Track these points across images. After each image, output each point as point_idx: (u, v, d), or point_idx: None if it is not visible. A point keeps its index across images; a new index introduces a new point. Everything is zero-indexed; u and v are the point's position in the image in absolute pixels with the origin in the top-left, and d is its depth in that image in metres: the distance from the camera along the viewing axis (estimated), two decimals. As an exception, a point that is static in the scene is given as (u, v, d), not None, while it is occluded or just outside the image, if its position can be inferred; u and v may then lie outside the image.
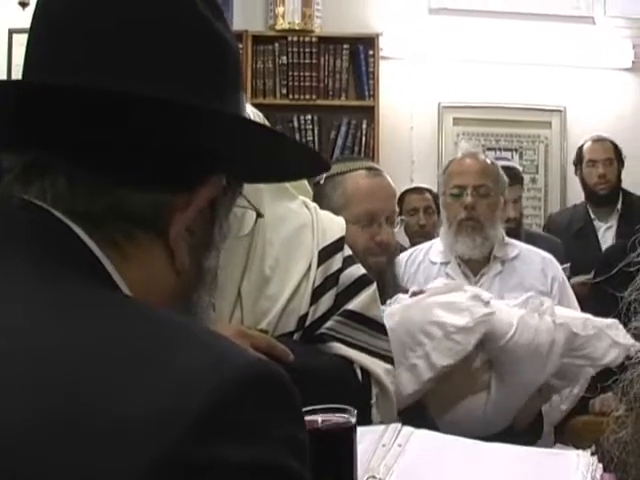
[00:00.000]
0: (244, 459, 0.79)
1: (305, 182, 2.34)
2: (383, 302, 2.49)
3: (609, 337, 2.69)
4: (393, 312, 2.67)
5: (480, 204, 3.53)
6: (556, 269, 3.63)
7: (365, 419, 1.97)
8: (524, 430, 2.79)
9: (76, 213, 0.95)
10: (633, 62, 6.65)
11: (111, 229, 0.97)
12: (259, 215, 1.79)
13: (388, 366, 2.11)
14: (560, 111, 6.69)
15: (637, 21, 6.75)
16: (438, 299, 2.68)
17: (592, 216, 5.35)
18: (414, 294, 2.80)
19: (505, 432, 2.67)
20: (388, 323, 2.47)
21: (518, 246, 3.69)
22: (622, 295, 1.19)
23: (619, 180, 5.39)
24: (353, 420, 1.39)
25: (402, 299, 2.79)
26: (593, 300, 3.59)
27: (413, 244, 5.37)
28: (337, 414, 1.42)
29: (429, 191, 5.74)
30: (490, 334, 2.63)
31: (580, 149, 5.49)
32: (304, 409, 1.20)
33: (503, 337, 2.63)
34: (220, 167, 1.05)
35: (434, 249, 3.71)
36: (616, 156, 5.41)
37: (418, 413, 2.51)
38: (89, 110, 0.94)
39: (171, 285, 1.03)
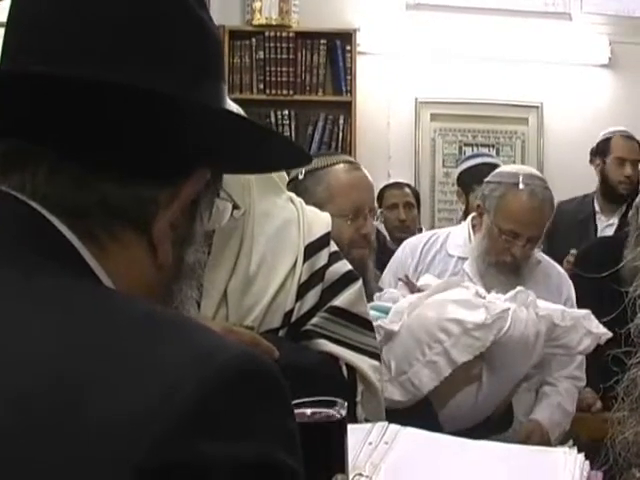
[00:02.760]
0: (234, 455, 0.77)
1: (284, 174, 2.32)
2: (367, 294, 2.50)
3: (584, 327, 2.77)
4: (400, 310, 2.70)
5: (528, 253, 3.35)
6: (569, 286, 3.47)
7: (350, 416, 1.97)
8: (496, 419, 2.83)
9: (57, 206, 0.93)
10: (610, 58, 6.68)
11: (93, 224, 0.95)
12: (235, 207, 1.78)
13: (374, 362, 2.11)
14: (537, 107, 6.71)
15: (614, 17, 6.78)
16: (449, 296, 2.72)
17: (596, 209, 5.27)
18: (406, 284, 2.84)
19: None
20: (398, 321, 2.48)
21: (541, 260, 3.50)
22: (627, 290, 1.19)
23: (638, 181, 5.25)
24: (343, 412, 1.38)
25: (392, 293, 2.81)
26: (589, 296, 3.51)
27: (393, 239, 5.37)
28: (326, 407, 1.40)
29: (408, 186, 5.74)
30: None
31: (607, 141, 5.25)
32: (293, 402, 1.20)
33: (500, 331, 2.67)
34: (204, 161, 1.03)
35: (452, 241, 3.54)
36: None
37: (420, 408, 2.54)
38: (72, 101, 0.92)
39: (152, 279, 1.02)
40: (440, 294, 2.79)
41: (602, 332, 2.73)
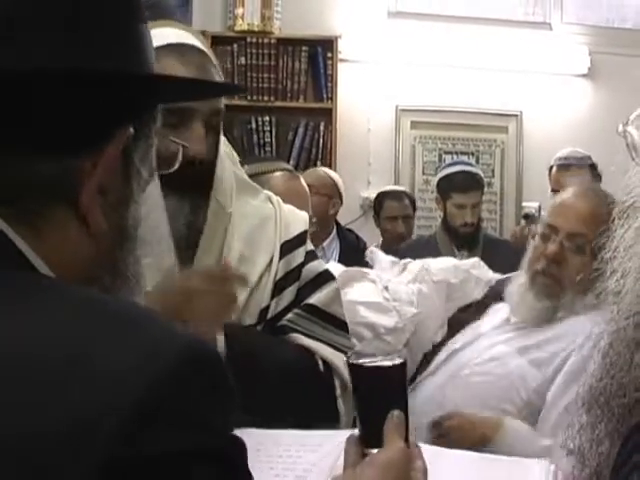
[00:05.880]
0: (183, 447, 0.79)
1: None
2: None
3: (473, 277, 2.76)
4: None
5: (570, 260, 2.57)
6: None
7: (332, 410, 2.00)
8: None
9: None
10: (589, 68, 6.72)
11: (21, 207, 0.92)
12: (184, 147, 1.78)
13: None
14: (516, 116, 6.73)
15: (593, 28, 6.82)
16: (359, 297, 2.68)
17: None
18: None
19: None
20: None
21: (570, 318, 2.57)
22: None
23: None
24: (401, 360, 1.46)
25: None
26: None
27: (389, 249, 5.40)
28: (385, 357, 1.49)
29: (406, 195, 5.76)
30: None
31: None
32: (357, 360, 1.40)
33: (411, 334, 2.67)
34: (123, 119, 0.99)
35: None
36: None
37: None
38: None
39: (91, 252, 0.99)
40: (348, 292, 2.73)
41: (491, 277, 2.72)
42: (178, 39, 1.95)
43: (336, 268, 2.97)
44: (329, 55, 6.43)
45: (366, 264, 3.59)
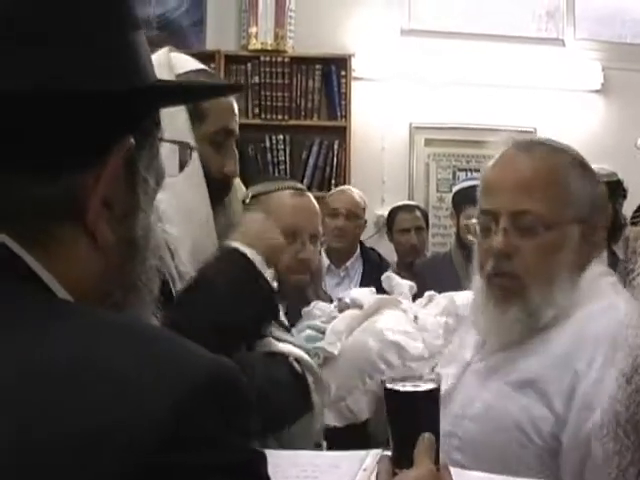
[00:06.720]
0: (209, 461, 0.81)
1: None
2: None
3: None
4: (337, 331, 2.70)
5: (522, 248, 1.99)
6: (595, 355, 1.87)
7: (308, 405, 2.22)
8: None
9: None
10: (602, 84, 6.72)
11: (29, 228, 0.92)
12: (191, 149, 1.86)
13: (307, 355, 2.32)
14: (530, 132, 6.71)
15: (606, 44, 6.83)
16: (388, 324, 2.72)
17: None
18: (341, 309, 2.87)
19: None
20: (336, 342, 2.56)
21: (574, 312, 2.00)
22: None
23: None
24: (432, 385, 1.52)
25: (323, 307, 2.84)
26: None
27: (404, 263, 5.40)
28: (417, 381, 1.55)
29: (418, 208, 5.77)
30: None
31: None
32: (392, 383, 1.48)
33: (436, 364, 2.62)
34: (122, 129, 0.98)
35: None
36: None
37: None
38: None
39: (100, 266, 0.98)
40: (378, 320, 2.77)
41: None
42: (202, 65, 2.21)
43: (366, 295, 2.99)
44: (343, 73, 6.45)
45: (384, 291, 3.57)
